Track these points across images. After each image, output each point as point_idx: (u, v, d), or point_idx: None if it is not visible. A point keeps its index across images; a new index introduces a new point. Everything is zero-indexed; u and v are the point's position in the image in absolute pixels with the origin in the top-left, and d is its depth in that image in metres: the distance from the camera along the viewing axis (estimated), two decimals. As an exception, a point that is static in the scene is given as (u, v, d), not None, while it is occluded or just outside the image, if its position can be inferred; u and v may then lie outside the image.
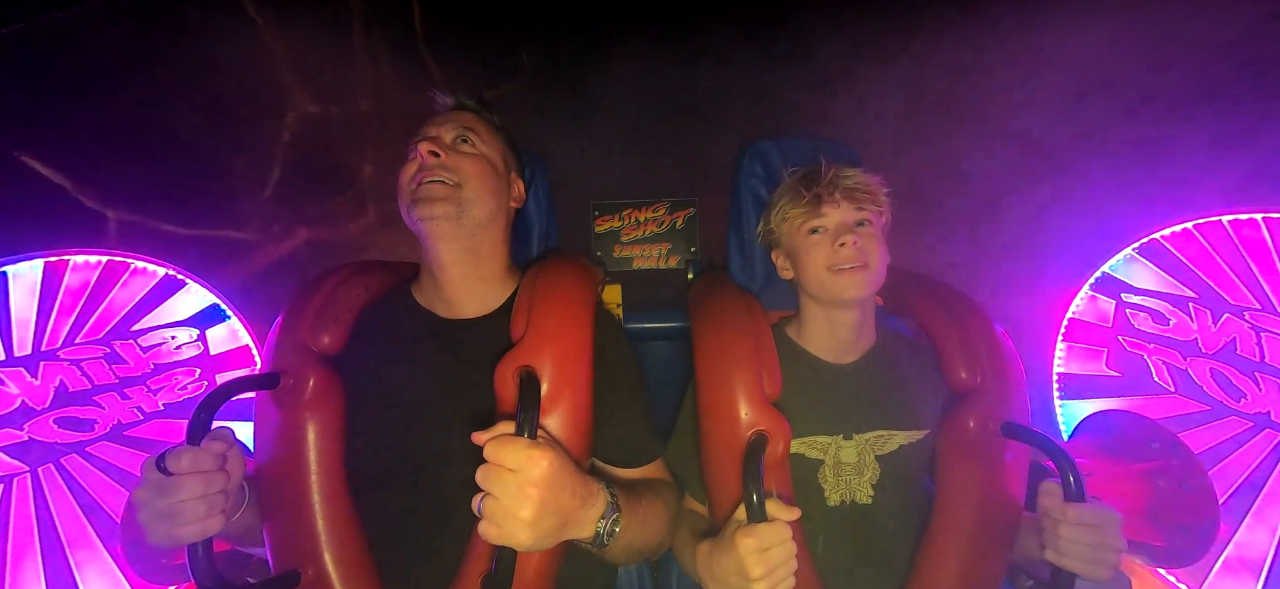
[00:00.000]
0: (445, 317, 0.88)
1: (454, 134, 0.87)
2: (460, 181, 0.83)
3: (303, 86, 1.44)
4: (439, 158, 0.83)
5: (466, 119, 0.90)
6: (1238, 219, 1.22)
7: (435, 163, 0.83)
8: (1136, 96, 1.39)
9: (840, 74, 1.58)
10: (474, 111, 0.93)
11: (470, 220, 0.83)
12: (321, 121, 1.47)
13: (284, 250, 1.47)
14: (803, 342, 0.96)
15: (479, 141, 0.88)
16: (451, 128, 0.88)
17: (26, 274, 1.17)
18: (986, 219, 1.52)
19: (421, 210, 0.81)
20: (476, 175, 0.85)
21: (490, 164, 0.88)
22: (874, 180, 0.91)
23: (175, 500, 0.62)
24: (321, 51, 1.45)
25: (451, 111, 0.92)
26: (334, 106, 1.48)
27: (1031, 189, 1.50)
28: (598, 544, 0.68)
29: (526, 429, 0.62)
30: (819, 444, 0.90)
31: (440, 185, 0.82)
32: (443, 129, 0.87)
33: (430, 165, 0.82)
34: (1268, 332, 1.16)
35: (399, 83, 1.51)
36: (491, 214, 0.87)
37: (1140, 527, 1.13)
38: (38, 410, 1.15)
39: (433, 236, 0.83)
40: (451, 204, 0.82)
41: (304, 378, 0.78)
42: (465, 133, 0.88)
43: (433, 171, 0.82)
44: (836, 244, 0.86)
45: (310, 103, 1.46)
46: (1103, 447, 1.26)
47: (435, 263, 0.86)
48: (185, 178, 1.37)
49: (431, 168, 0.82)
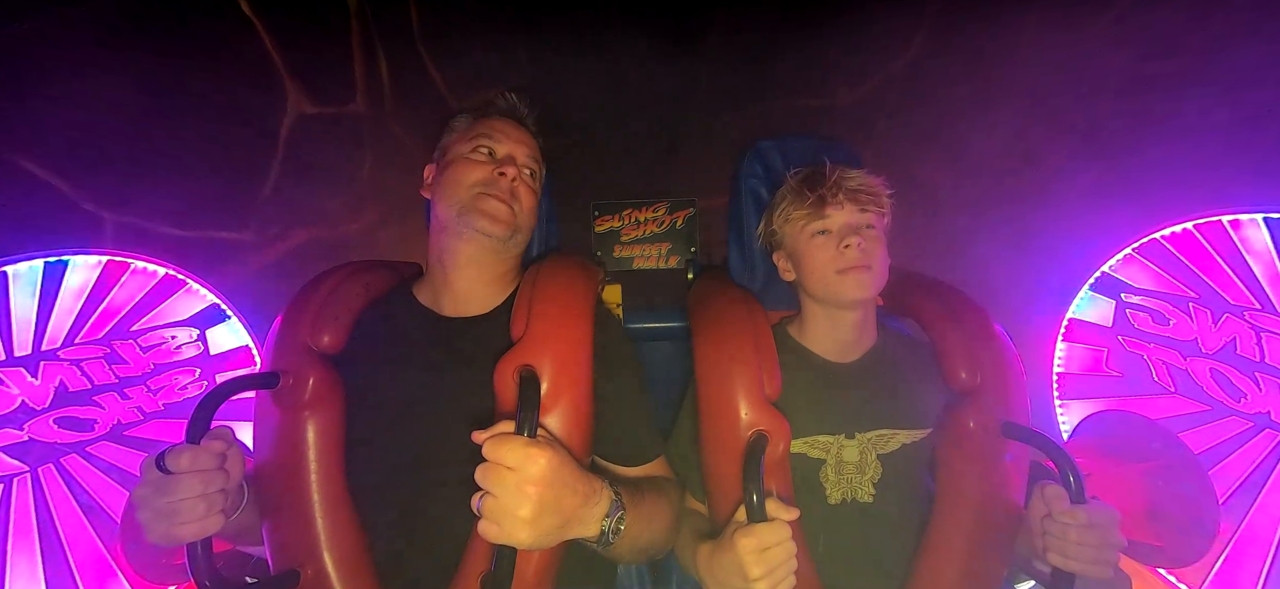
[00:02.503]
0: (445, 315, 0.88)
1: (527, 162, 0.91)
2: (519, 211, 0.87)
3: (300, 87, 1.44)
4: (509, 179, 0.87)
5: (534, 147, 0.94)
6: (1238, 219, 1.22)
7: (506, 183, 0.86)
8: (1137, 96, 1.39)
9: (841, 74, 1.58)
10: (535, 135, 0.96)
11: (514, 244, 0.89)
12: (319, 122, 1.47)
13: (282, 250, 1.47)
14: (804, 341, 0.96)
15: (538, 177, 0.94)
16: (526, 153, 0.92)
17: (26, 274, 1.17)
18: (986, 219, 1.52)
19: (481, 223, 0.83)
20: (531, 210, 0.90)
21: (538, 200, 0.94)
22: (877, 182, 0.91)
23: (174, 499, 0.62)
24: (319, 52, 1.45)
25: (521, 127, 0.95)
26: (331, 107, 1.47)
27: (1031, 189, 1.50)
28: (603, 543, 0.68)
29: (526, 428, 0.62)
30: (821, 444, 0.90)
31: (506, 208, 0.85)
32: (518, 149, 0.91)
33: (505, 187, 0.86)
34: (1268, 332, 1.16)
35: (396, 84, 1.50)
36: (527, 241, 0.93)
37: (1140, 527, 1.13)
38: (38, 410, 1.15)
39: (472, 244, 0.85)
40: (508, 228, 0.86)
41: (304, 377, 0.78)
42: (534, 163, 0.92)
43: (501, 191, 0.86)
44: (841, 246, 0.86)
45: (308, 103, 1.45)
46: (1103, 447, 1.26)
47: (453, 263, 0.87)
48: (183, 179, 1.37)
49: (504, 189, 0.86)
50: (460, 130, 0.93)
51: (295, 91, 1.43)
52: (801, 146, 1.07)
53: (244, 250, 1.44)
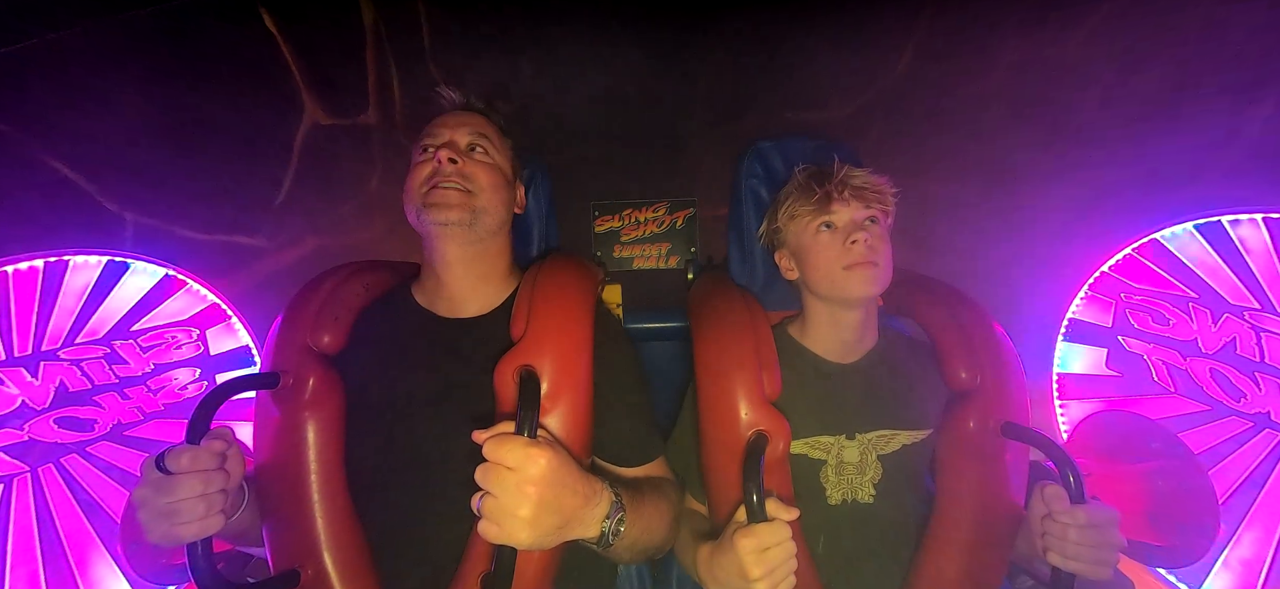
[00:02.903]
0: (445, 316, 0.88)
1: (468, 139, 0.87)
2: (474, 190, 0.84)
3: (317, 98, 1.49)
4: (456, 164, 0.83)
5: (478, 123, 0.89)
6: (1238, 219, 1.22)
7: (452, 169, 0.83)
8: (1136, 95, 1.39)
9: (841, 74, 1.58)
10: (483, 113, 0.92)
11: (482, 228, 0.84)
12: (333, 132, 1.52)
13: (294, 256, 1.52)
14: (805, 341, 0.96)
15: (491, 150, 0.89)
16: (466, 132, 0.87)
17: (26, 274, 1.18)
18: (986, 218, 1.52)
19: (435, 215, 0.81)
20: (490, 185, 0.86)
21: (501, 173, 0.89)
22: (882, 180, 0.91)
23: (175, 499, 0.62)
24: (336, 66, 1.51)
25: (462, 112, 0.91)
26: (345, 118, 1.53)
27: (1031, 189, 1.50)
28: (603, 544, 0.68)
29: (526, 428, 0.62)
30: (822, 444, 0.90)
31: (455, 192, 0.82)
32: (457, 132, 0.87)
33: (447, 171, 0.82)
34: (1268, 332, 1.16)
35: (407, 97, 1.56)
36: (501, 223, 0.88)
37: (1140, 527, 1.12)
38: (38, 410, 1.15)
39: (442, 239, 0.83)
40: (465, 211, 0.82)
41: (304, 377, 0.78)
42: (479, 139, 0.88)
43: (448, 177, 0.82)
44: (848, 241, 0.86)
45: (324, 114, 1.50)
46: (1103, 447, 1.26)
47: (440, 263, 0.86)
48: (202, 183, 1.42)
49: (448, 174, 0.82)
50: (417, 145, 0.91)
51: (312, 102, 1.48)
52: (802, 147, 1.07)
53: (257, 255, 1.48)
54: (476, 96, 0.94)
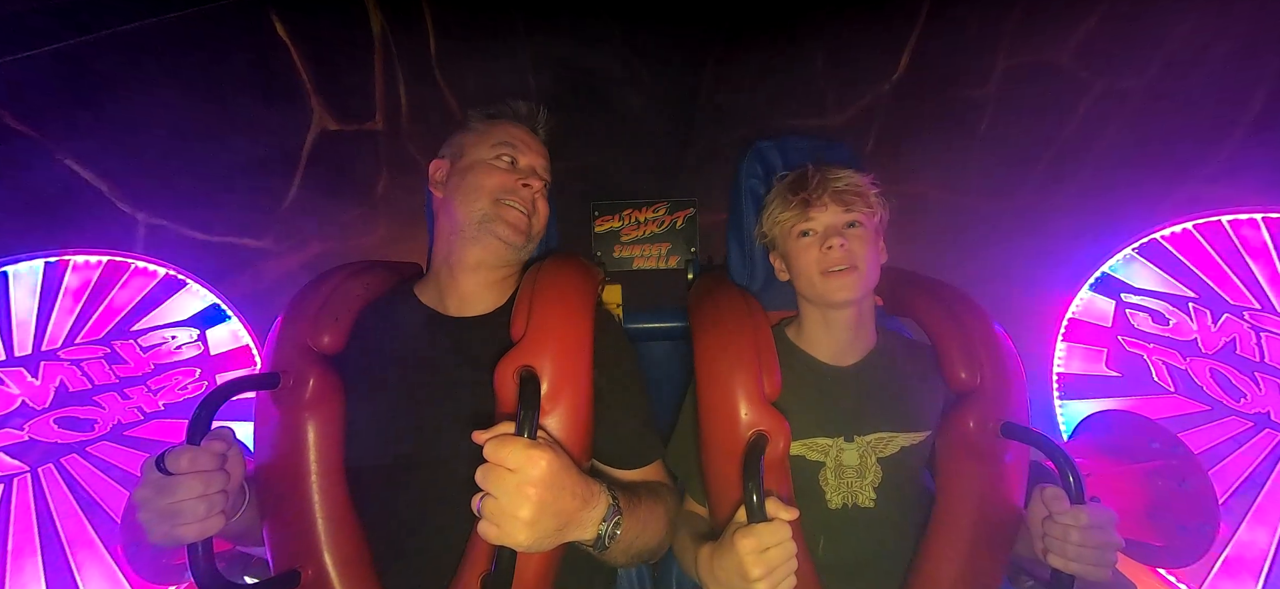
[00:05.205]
0: (446, 315, 0.88)
1: (543, 175, 0.93)
2: (535, 221, 0.90)
3: (325, 105, 1.52)
4: (533, 191, 0.89)
5: (545, 156, 0.95)
6: (1238, 219, 1.22)
7: (527, 193, 0.88)
8: (1136, 95, 1.39)
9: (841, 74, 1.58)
10: (547, 146, 0.97)
11: (526, 252, 0.90)
12: (341, 138, 1.55)
13: (299, 260, 1.54)
14: (803, 344, 0.96)
15: (548, 188, 0.95)
16: (543, 164, 0.94)
17: (26, 274, 1.17)
18: (986, 218, 1.52)
19: (499, 230, 0.85)
20: (544, 217, 0.92)
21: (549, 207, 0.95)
22: (865, 180, 0.91)
23: (175, 500, 0.62)
24: (344, 73, 1.54)
25: (538, 139, 0.96)
26: (352, 124, 1.56)
27: (1031, 189, 1.50)
28: (599, 547, 0.68)
29: (526, 429, 0.62)
30: (820, 446, 0.90)
31: (524, 216, 0.87)
32: (536, 160, 0.93)
33: (525, 196, 0.88)
34: (1268, 332, 1.16)
35: (412, 105, 1.58)
36: (534, 249, 0.95)
37: (1140, 527, 1.13)
38: (38, 410, 1.15)
39: (487, 248, 0.86)
40: (525, 236, 0.88)
41: (304, 378, 0.78)
42: (546, 174, 0.94)
43: (524, 201, 0.88)
44: (825, 247, 0.86)
45: (332, 120, 1.53)
46: (1103, 447, 1.26)
47: (465, 264, 0.87)
48: (212, 186, 1.43)
49: (524, 198, 0.88)
50: (478, 131, 0.93)
51: (320, 108, 1.51)
52: (801, 146, 1.07)
53: (263, 257, 1.49)
54: (542, 124, 0.98)
